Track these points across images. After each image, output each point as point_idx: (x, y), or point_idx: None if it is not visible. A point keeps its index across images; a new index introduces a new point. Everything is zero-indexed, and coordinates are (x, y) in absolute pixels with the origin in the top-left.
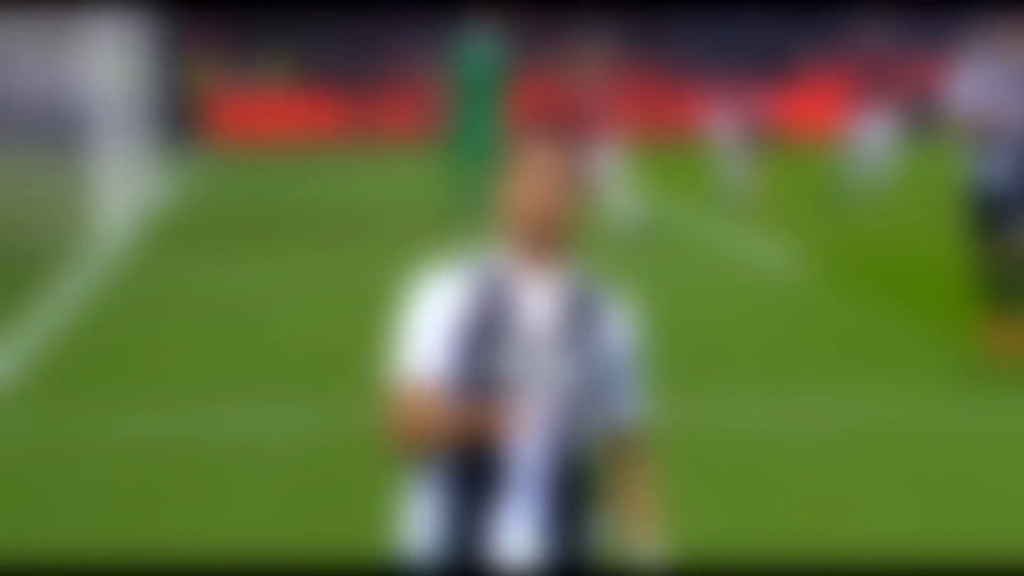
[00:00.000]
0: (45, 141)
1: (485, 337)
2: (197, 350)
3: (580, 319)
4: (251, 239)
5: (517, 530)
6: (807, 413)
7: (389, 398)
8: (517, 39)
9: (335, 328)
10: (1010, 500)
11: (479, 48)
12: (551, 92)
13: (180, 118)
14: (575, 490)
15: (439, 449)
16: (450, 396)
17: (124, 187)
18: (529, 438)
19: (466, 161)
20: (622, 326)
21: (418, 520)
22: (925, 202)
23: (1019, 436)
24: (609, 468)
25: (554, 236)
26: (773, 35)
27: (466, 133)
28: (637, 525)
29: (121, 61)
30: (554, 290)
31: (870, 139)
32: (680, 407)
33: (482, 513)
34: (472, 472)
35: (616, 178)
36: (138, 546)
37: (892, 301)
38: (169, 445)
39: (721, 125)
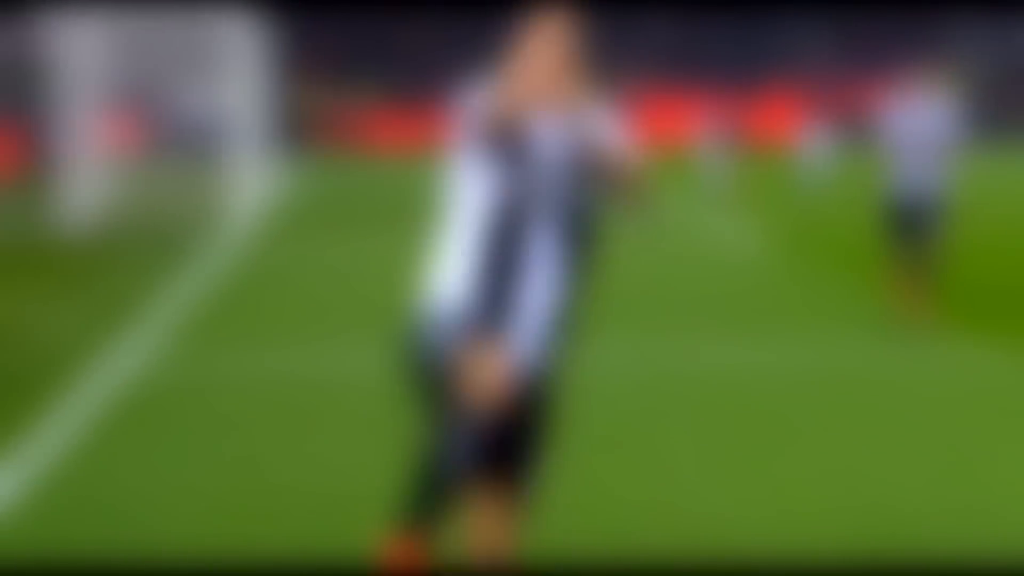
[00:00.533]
0: (192, 148)
1: (509, 164)
2: (307, 306)
3: (575, 131)
4: (348, 224)
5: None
6: (766, 356)
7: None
8: None
9: (409, 288)
10: (909, 408)
11: None
12: None
13: (295, 131)
14: (581, 236)
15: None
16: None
17: (253, 184)
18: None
19: None
20: (606, 116)
21: (452, 264)
22: (856, 199)
23: (919, 369)
24: (605, 174)
25: (555, 86)
26: (744, 64)
27: None
28: (628, 196)
29: (250, 87)
30: (558, 124)
31: (817, 148)
32: (664, 350)
33: (509, 269)
34: (503, 239)
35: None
36: (249, 462)
37: (831, 271)
38: (287, 378)
39: (705, 134)
